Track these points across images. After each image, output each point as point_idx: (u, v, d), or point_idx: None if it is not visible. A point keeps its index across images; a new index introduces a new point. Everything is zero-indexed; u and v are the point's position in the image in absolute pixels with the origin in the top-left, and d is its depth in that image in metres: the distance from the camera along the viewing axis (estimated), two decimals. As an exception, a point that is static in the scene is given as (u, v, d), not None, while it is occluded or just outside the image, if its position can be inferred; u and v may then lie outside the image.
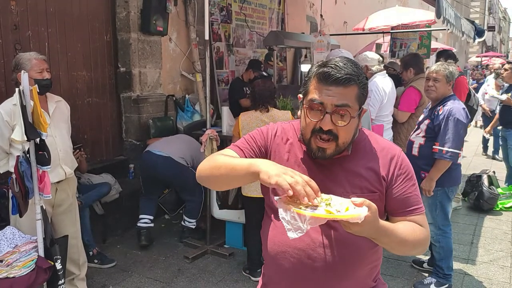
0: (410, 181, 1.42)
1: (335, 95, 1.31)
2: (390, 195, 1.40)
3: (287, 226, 1.14)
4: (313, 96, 1.34)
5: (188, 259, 3.92)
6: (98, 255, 3.82)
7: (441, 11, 4.01)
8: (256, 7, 6.92)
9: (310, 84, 1.38)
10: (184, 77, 5.57)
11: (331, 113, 1.31)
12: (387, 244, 1.31)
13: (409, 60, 4.66)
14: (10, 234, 2.69)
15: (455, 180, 3.42)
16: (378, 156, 1.43)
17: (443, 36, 19.06)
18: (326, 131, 1.32)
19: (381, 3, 12.86)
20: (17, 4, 3.83)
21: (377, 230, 1.21)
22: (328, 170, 1.40)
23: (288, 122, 1.56)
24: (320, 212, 1.12)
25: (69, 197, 3.12)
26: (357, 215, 1.11)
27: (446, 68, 3.36)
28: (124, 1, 4.70)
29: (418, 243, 1.37)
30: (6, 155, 2.88)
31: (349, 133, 1.35)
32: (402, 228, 1.33)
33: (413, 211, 1.40)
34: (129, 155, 4.94)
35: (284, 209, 1.15)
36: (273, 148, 1.48)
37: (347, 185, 1.38)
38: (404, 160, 1.45)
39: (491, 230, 4.80)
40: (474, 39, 6.04)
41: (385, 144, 1.48)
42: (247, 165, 1.27)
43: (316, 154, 1.36)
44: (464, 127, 3.24)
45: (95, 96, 4.65)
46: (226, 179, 1.37)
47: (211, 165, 1.41)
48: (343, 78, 1.30)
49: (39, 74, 2.82)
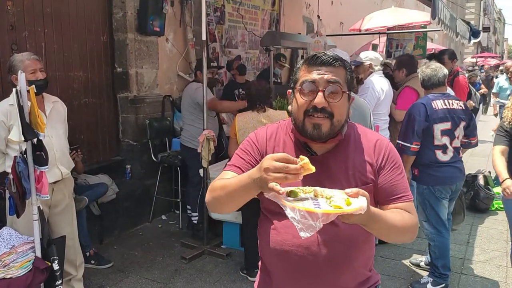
0: (397, 169, 1.46)
1: (325, 73, 1.38)
2: (380, 183, 1.44)
3: (298, 225, 1.13)
4: (305, 78, 1.40)
5: (185, 259, 3.92)
6: (95, 256, 3.82)
7: (437, 12, 4.04)
8: (248, 8, 6.94)
9: (299, 73, 1.44)
10: (181, 78, 5.56)
11: (324, 90, 1.35)
12: (377, 230, 1.34)
13: (403, 60, 4.71)
14: (7, 234, 2.68)
15: (441, 180, 3.35)
16: (369, 147, 1.47)
17: (438, 37, 19.16)
18: (320, 109, 1.35)
19: (377, 4, 12.90)
20: (14, 4, 3.81)
21: (369, 217, 1.22)
22: (322, 165, 1.40)
23: (275, 123, 1.59)
24: (328, 208, 1.12)
25: (65, 198, 3.12)
26: (359, 207, 1.13)
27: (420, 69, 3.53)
28: (120, 2, 4.70)
29: (406, 229, 1.40)
30: (2, 155, 2.88)
31: (342, 110, 1.39)
32: (391, 215, 1.37)
33: (400, 198, 1.44)
34: (126, 156, 4.93)
35: (292, 209, 1.14)
36: (268, 150, 1.49)
37: (342, 179, 1.41)
38: (392, 150, 1.49)
39: (487, 230, 4.82)
40: (469, 40, 6.09)
41: (374, 136, 1.52)
42: (245, 185, 1.27)
43: (312, 134, 1.37)
44: (418, 121, 3.26)
45: (91, 97, 4.64)
46: (232, 201, 1.37)
47: (213, 196, 1.41)
48: (331, 58, 1.39)
49: (32, 75, 2.81)
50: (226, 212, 1.47)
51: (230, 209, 1.43)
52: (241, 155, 1.51)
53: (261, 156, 1.48)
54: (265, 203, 1.48)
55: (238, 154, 1.53)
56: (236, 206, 1.40)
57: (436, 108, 3.29)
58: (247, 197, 1.32)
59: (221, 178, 1.45)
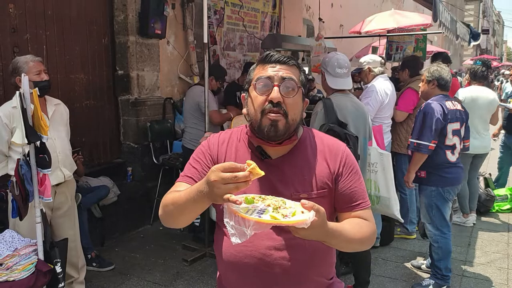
0: (355, 175, 1.46)
1: (280, 70, 1.38)
2: (337, 190, 1.43)
3: (231, 230, 1.11)
4: (259, 75, 1.40)
5: (187, 262, 3.92)
6: (97, 258, 3.82)
7: (438, 14, 4.05)
8: (248, 11, 6.95)
9: (253, 73, 1.44)
10: (182, 80, 5.57)
11: (279, 85, 1.36)
12: (336, 245, 1.34)
13: (407, 61, 4.82)
14: (10, 237, 2.68)
15: (451, 180, 3.40)
16: (325, 152, 1.46)
17: (438, 39, 19.20)
18: (275, 104, 1.34)
19: (377, 6, 12.93)
20: (15, 7, 3.82)
21: (326, 233, 1.21)
22: (277, 169, 1.40)
23: (228, 130, 1.59)
24: (265, 218, 1.09)
25: (68, 200, 3.11)
26: (302, 220, 1.09)
27: (426, 69, 3.53)
28: (122, 4, 4.71)
29: (365, 239, 1.40)
30: (5, 158, 2.88)
31: (297, 109, 1.39)
32: (349, 227, 1.35)
33: (359, 205, 1.43)
34: (127, 158, 4.94)
35: (230, 213, 1.12)
36: (220, 157, 1.47)
37: (296, 183, 1.40)
38: (349, 155, 1.49)
39: (488, 232, 4.83)
40: (469, 42, 6.10)
41: (330, 141, 1.51)
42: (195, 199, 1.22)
43: (269, 132, 1.35)
44: (436, 120, 3.28)
45: (93, 99, 4.64)
46: (184, 215, 1.33)
47: (165, 211, 1.38)
48: (284, 57, 1.41)
49: (37, 76, 2.82)
50: (180, 226, 1.42)
51: (183, 223, 1.39)
52: (193, 164, 1.47)
53: (213, 163, 1.45)
54: (220, 213, 1.43)
55: (190, 163, 1.49)
56: (189, 219, 1.36)
57: (449, 108, 3.37)
58: (199, 210, 1.28)
59: (173, 190, 1.41)
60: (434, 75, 3.45)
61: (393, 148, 4.45)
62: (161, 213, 1.41)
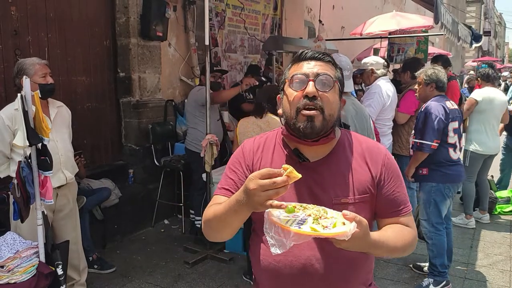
0: (397, 179, 1.42)
1: (315, 67, 1.36)
2: (380, 195, 1.39)
3: (271, 241, 1.10)
4: (295, 72, 1.38)
5: (188, 264, 3.92)
6: (98, 261, 3.81)
7: (439, 16, 4.05)
8: (249, 13, 6.96)
9: (288, 71, 1.42)
10: (183, 82, 5.58)
11: (315, 80, 1.33)
12: (379, 254, 1.32)
13: (409, 63, 4.84)
14: (11, 239, 2.68)
15: (452, 178, 3.47)
16: (365, 155, 1.41)
17: (439, 40, 19.19)
18: (311, 98, 1.31)
19: (378, 8, 12.93)
20: (17, 9, 3.83)
21: (368, 245, 1.19)
22: (315, 173, 1.36)
23: (265, 133, 1.54)
24: (305, 229, 1.08)
25: (69, 202, 3.11)
26: (343, 232, 1.07)
27: (423, 72, 3.59)
28: (123, 7, 4.72)
29: (407, 246, 1.38)
30: (7, 160, 2.88)
31: (333, 104, 1.35)
32: (392, 236, 1.33)
33: (401, 211, 1.40)
34: (129, 160, 4.94)
35: (270, 223, 1.11)
36: (256, 163, 1.44)
37: (337, 187, 1.35)
38: (391, 158, 1.44)
39: (490, 234, 4.81)
40: (471, 44, 6.09)
41: (370, 143, 1.46)
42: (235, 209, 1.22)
43: (305, 129, 1.32)
44: (438, 120, 3.36)
45: (94, 101, 4.65)
46: (227, 228, 1.33)
47: (208, 226, 1.38)
48: (319, 53, 1.39)
49: (43, 78, 2.83)
50: (225, 239, 1.40)
51: (227, 235, 1.37)
52: (230, 174, 1.45)
53: (250, 171, 1.42)
54: (258, 222, 1.40)
55: (226, 174, 1.46)
56: (233, 231, 1.35)
57: (449, 108, 3.45)
58: (241, 220, 1.27)
59: (213, 204, 1.39)
60: (432, 78, 3.51)
61: (395, 150, 4.45)
62: (204, 228, 1.41)
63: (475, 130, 4.92)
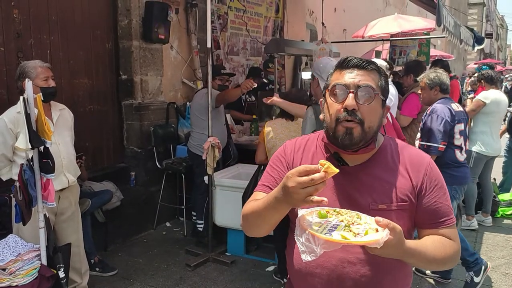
0: (441, 190, 1.38)
1: (356, 77, 1.33)
2: (420, 205, 1.35)
3: (301, 248, 1.10)
4: (336, 81, 1.36)
5: (190, 267, 3.91)
6: (100, 263, 3.81)
7: (441, 19, 4.05)
8: (251, 16, 6.98)
9: (331, 78, 1.40)
10: (185, 85, 5.58)
11: (355, 92, 1.31)
12: (414, 263, 1.30)
13: (411, 66, 4.82)
14: (13, 242, 2.68)
15: (459, 179, 3.47)
16: (406, 163, 1.39)
17: (441, 43, 19.18)
18: (350, 111, 1.29)
19: (380, 10, 12.94)
20: (20, 12, 3.84)
21: (403, 252, 1.18)
22: (353, 177, 1.36)
23: (307, 135, 1.55)
24: (335, 236, 1.07)
25: (71, 205, 3.12)
26: (374, 240, 1.06)
27: (425, 76, 3.60)
28: (126, 9, 4.73)
29: (448, 260, 1.33)
30: (9, 163, 2.89)
31: (374, 116, 1.33)
32: (431, 246, 1.29)
33: (443, 222, 1.35)
34: (131, 163, 4.94)
35: (301, 229, 1.11)
36: (296, 163, 1.44)
37: (375, 193, 1.33)
38: (434, 168, 1.42)
39: (493, 237, 4.79)
40: (473, 46, 6.08)
41: (413, 151, 1.44)
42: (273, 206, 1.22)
43: (344, 140, 1.31)
44: (444, 122, 3.37)
45: (96, 104, 4.65)
46: (265, 223, 1.33)
47: (247, 221, 1.39)
48: (364, 62, 1.36)
49: (45, 82, 2.84)
50: (263, 234, 1.40)
51: (265, 231, 1.37)
52: (270, 171, 1.47)
53: (289, 168, 1.41)
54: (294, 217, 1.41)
55: (267, 171, 1.48)
56: (271, 226, 1.34)
57: (455, 110, 3.46)
58: (279, 216, 1.27)
59: (252, 199, 1.40)
60: (435, 82, 3.52)
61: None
62: (242, 223, 1.41)
63: (480, 131, 4.91)
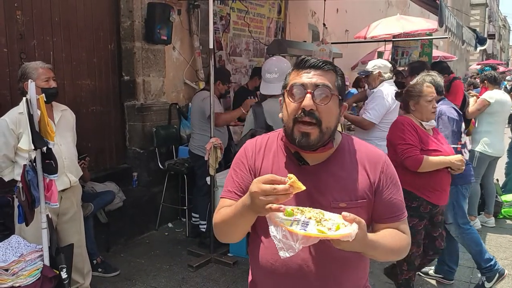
0: (395, 186, 1.44)
1: (314, 77, 1.35)
2: (377, 201, 1.41)
3: (279, 244, 1.12)
4: (294, 81, 1.37)
5: (192, 267, 3.91)
6: (102, 264, 3.82)
7: (444, 20, 4.03)
8: (254, 17, 6.98)
9: (289, 77, 1.42)
10: (187, 86, 5.59)
11: (312, 92, 1.32)
12: (373, 256, 1.34)
13: (416, 67, 4.79)
14: (16, 243, 2.68)
15: (465, 178, 3.47)
16: (364, 161, 1.42)
17: (443, 44, 19.14)
18: (308, 112, 1.31)
19: (382, 11, 12.92)
20: (23, 13, 3.85)
21: (366, 245, 1.22)
22: (314, 176, 1.38)
23: (264, 134, 1.56)
24: (312, 231, 1.10)
25: (74, 206, 3.12)
26: (348, 233, 1.11)
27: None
28: (128, 11, 4.74)
29: (402, 251, 1.42)
30: (11, 163, 2.89)
31: (331, 116, 1.35)
32: (388, 239, 1.36)
33: (398, 216, 1.42)
34: (133, 163, 4.95)
35: (276, 226, 1.13)
36: (257, 164, 1.45)
37: (335, 192, 1.37)
38: (390, 165, 1.46)
39: (496, 238, 4.78)
40: (475, 47, 6.06)
41: (370, 148, 1.47)
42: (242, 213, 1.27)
43: (300, 142, 1.33)
44: (456, 122, 3.37)
45: (99, 105, 4.66)
46: (237, 230, 1.38)
47: (219, 230, 1.43)
48: (320, 62, 1.37)
49: (46, 83, 2.84)
50: (236, 240, 1.44)
51: (237, 237, 1.42)
52: (234, 176, 1.48)
53: (252, 171, 1.45)
54: (257, 222, 1.42)
55: (231, 175, 1.49)
56: (242, 233, 1.40)
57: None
58: (247, 223, 1.33)
59: (220, 207, 1.43)
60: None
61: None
62: (215, 231, 1.45)
63: (485, 131, 4.90)
